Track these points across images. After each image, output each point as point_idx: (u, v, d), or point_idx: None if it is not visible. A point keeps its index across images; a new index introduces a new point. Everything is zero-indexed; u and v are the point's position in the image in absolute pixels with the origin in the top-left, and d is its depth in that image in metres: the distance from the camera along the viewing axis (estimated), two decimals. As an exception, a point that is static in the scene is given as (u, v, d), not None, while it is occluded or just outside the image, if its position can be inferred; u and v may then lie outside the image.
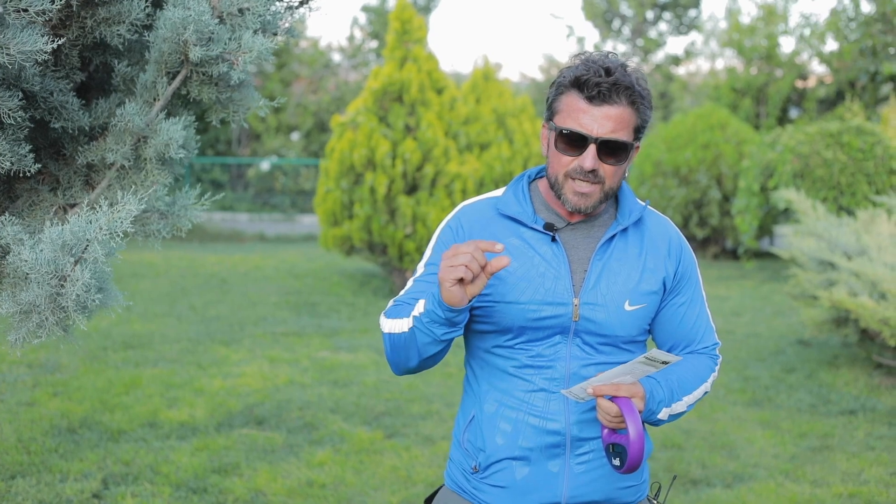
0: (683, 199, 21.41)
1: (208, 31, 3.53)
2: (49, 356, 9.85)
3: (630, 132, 2.93)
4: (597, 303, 2.96)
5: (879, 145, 17.28)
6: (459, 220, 3.08)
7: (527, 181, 3.14)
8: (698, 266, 3.22)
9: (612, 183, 2.95)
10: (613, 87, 2.88)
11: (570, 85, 2.93)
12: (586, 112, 2.89)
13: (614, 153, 2.91)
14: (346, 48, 40.02)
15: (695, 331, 3.16)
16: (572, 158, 2.91)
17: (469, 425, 3.09)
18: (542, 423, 2.97)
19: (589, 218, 3.05)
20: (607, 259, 3.00)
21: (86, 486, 6.30)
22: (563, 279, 2.95)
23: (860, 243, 9.99)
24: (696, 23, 37.46)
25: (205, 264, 18.97)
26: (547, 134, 3.03)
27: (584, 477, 3.00)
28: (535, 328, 2.96)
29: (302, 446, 7.34)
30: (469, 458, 3.08)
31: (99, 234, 3.27)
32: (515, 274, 2.95)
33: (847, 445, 7.71)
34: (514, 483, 3.00)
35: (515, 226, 3.02)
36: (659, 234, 3.12)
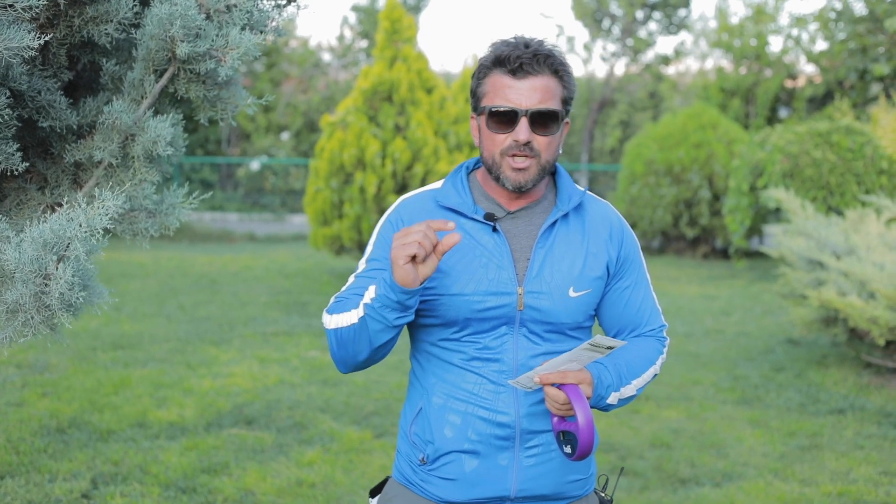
0: (674, 198, 21.46)
1: (195, 28, 3.53)
2: (38, 356, 9.84)
3: (558, 102, 2.93)
4: (541, 291, 2.95)
5: (869, 145, 17.32)
6: (400, 215, 3.07)
7: (465, 172, 3.14)
8: (640, 249, 3.21)
9: (547, 156, 2.95)
10: (534, 57, 2.89)
11: (493, 65, 2.95)
12: (512, 87, 2.90)
13: (546, 124, 2.91)
14: (335, 48, 40.02)
15: (641, 314, 3.17)
16: (505, 136, 2.91)
17: (416, 417, 3.08)
18: (491, 416, 2.96)
19: (529, 206, 3.05)
20: (550, 246, 3.00)
21: (75, 486, 6.29)
22: (506, 269, 2.95)
23: (849, 243, 10.01)
24: (685, 22, 37.46)
25: (194, 264, 18.95)
26: (476, 123, 3.04)
27: (532, 470, 2.99)
28: (481, 319, 2.95)
29: (291, 446, 7.34)
30: (416, 451, 3.06)
31: (79, 231, 3.26)
32: (458, 266, 2.95)
33: (836, 444, 7.72)
34: (462, 475, 2.99)
35: (456, 217, 3.01)
36: (600, 218, 3.12)
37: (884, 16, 22.50)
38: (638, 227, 22.54)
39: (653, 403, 8.83)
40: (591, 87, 39.09)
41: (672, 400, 8.98)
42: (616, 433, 7.88)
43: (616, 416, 8.37)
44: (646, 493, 6.62)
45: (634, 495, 6.55)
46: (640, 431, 7.96)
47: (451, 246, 2.67)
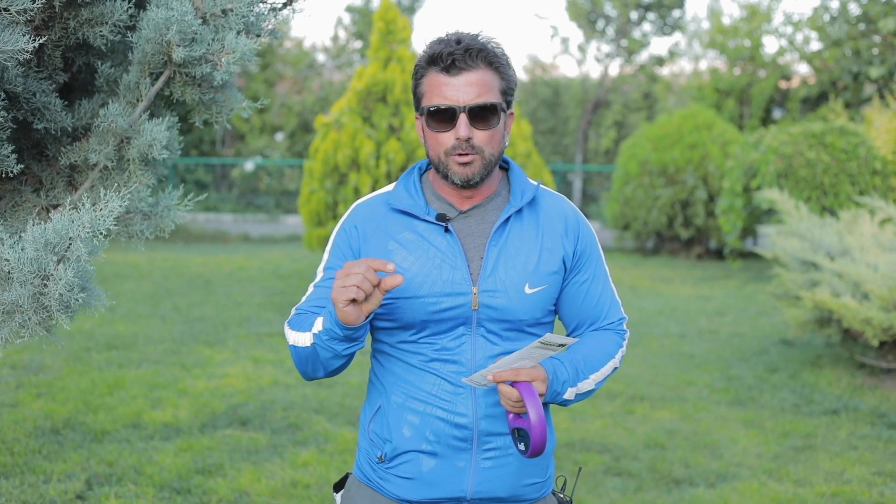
0: (669, 198, 21.48)
1: (191, 32, 3.53)
2: (32, 357, 9.83)
3: (497, 94, 2.94)
4: (496, 289, 2.95)
5: (862, 146, 17.35)
6: (353, 222, 3.08)
7: (417, 174, 3.14)
8: (598, 242, 3.21)
9: (491, 150, 2.95)
10: (466, 52, 2.90)
11: (427, 64, 2.95)
12: (447, 84, 2.91)
13: (485, 118, 2.92)
14: (330, 48, 40.01)
15: (599, 307, 3.16)
16: (447, 134, 2.91)
17: (375, 416, 3.08)
18: (449, 417, 2.96)
19: (482, 204, 3.05)
20: (503, 244, 2.99)
21: (69, 486, 6.29)
22: (459, 269, 2.95)
23: (843, 244, 10.03)
24: (679, 23, 37.48)
25: (189, 265, 18.94)
26: (420, 123, 3.04)
27: (489, 472, 3.00)
28: (438, 321, 2.95)
29: (286, 447, 7.34)
30: (375, 448, 3.07)
31: (82, 231, 3.26)
32: (412, 269, 2.95)
33: (830, 445, 7.74)
34: (420, 475, 2.99)
35: (408, 219, 3.02)
36: (555, 213, 3.11)
37: (877, 17, 22.53)
38: (632, 228, 22.56)
39: (647, 404, 8.84)
40: (586, 88, 39.10)
41: (666, 401, 8.99)
42: (610, 434, 7.89)
43: (610, 416, 8.39)
44: (640, 493, 6.63)
45: (629, 496, 6.56)
46: (634, 432, 7.97)
47: (393, 287, 2.67)
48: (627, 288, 17.29)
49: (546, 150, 40.35)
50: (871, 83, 24.03)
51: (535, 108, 41.29)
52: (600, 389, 9.26)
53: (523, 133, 17.91)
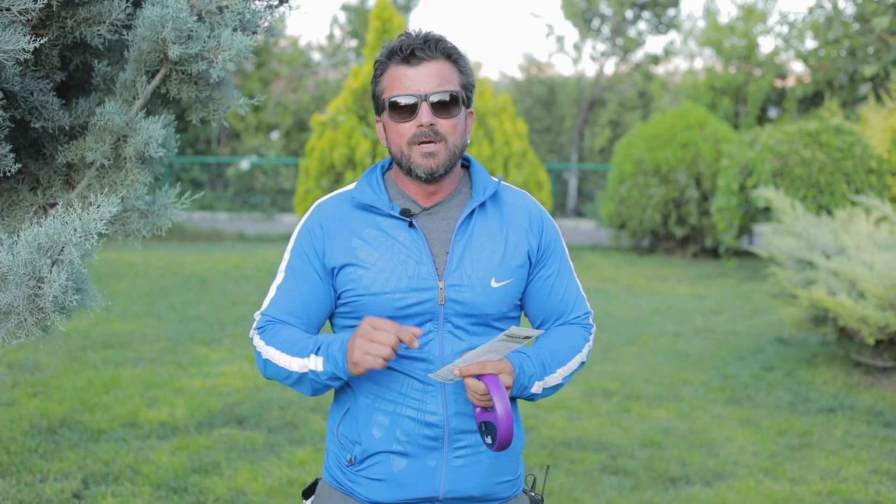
0: (663, 197, 21.50)
1: (187, 30, 3.53)
2: (28, 356, 9.82)
3: (457, 85, 2.97)
4: (462, 283, 2.95)
5: (858, 145, 17.36)
6: (317, 221, 3.07)
7: (380, 171, 3.14)
8: (562, 237, 3.21)
9: (454, 139, 2.96)
10: (425, 43, 2.93)
11: (387, 59, 2.98)
12: (408, 75, 2.93)
13: (447, 107, 2.94)
14: (325, 47, 40.01)
15: (565, 302, 3.16)
16: (409, 124, 2.92)
17: (344, 418, 3.07)
18: (419, 416, 2.96)
19: (444, 200, 3.05)
20: (468, 238, 3.00)
21: (66, 485, 6.28)
22: (425, 264, 2.95)
23: (839, 242, 10.03)
24: (675, 22, 37.50)
25: (184, 264, 18.93)
26: (381, 125, 3.07)
27: (461, 471, 2.99)
28: (404, 317, 2.94)
29: (283, 445, 7.34)
30: (344, 451, 3.06)
31: (73, 236, 3.26)
32: (377, 265, 2.95)
33: (826, 443, 7.74)
34: (391, 476, 2.98)
35: (371, 215, 3.02)
36: (518, 208, 3.11)
37: (871, 16, 22.55)
38: (628, 227, 22.57)
39: (643, 403, 8.85)
40: (581, 87, 39.12)
41: (662, 399, 8.99)
42: (606, 433, 7.90)
43: (607, 415, 8.39)
44: (636, 492, 6.63)
45: (625, 494, 6.57)
46: (630, 431, 7.97)
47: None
48: (623, 287, 17.30)
49: (541, 149, 40.36)
50: (867, 82, 24.04)
51: (530, 107, 41.30)
52: (594, 387, 9.26)
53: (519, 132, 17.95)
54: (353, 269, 2.96)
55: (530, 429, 7.90)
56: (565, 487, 6.64)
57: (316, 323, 3.07)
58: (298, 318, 3.02)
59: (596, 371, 10.07)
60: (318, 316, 3.05)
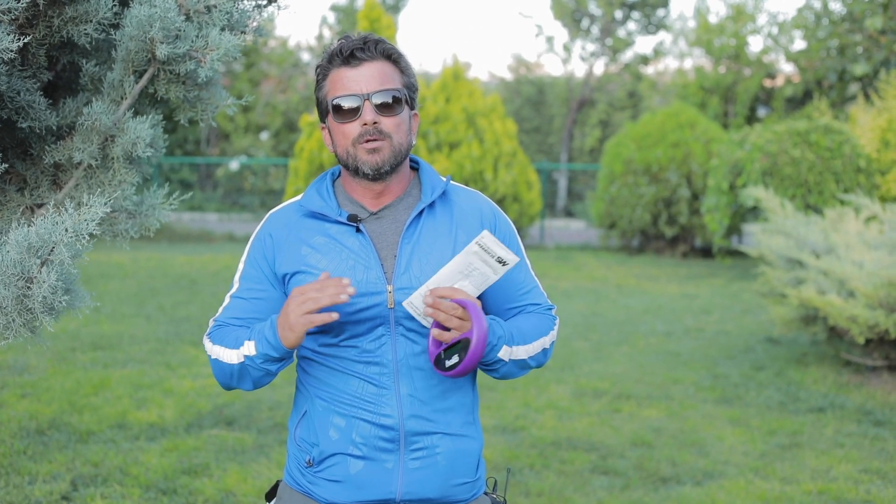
0: (653, 197, 21.53)
1: (175, 29, 3.52)
2: (17, 357, 9.80)
3: (398, 85, 2.98)
4: (411, 286, 2.94)
5: (847, 144, 17.40)
6: (267, 230, 3.09)
7: (330, 179, 3.15)
8: (518, 236, 3.21)
9: (399, 137, 2.96)
10: (365, 43, 2.95)
11: (328, 62, 3.00)
12: (350, 77, 2.94)
13: (390, 106, 2.95)
14: (314, 47, 40.01)
15: (520, 290, 3.15)
16: (353, 123, 2.94)
17: (301, 420, 3.09)
18: (375, 419, 2.96)
19: (392, 203, 3.05)
20: (416, 240, 2.99)
21: (55, 487, 6.26)
22: (373, 268, 2.95)
23: (828, 241, 10.05)
24: (664, 22, 37.57)
25: (174, 264, 18.91)
26: (326, 130, 3.08)
27: (418, 473, 2.99)
28: (355, 322, 2.95)
29: (272, 447, 7.33)
30: (303, 453, 3.07)
31: (64, 236, 3.24)
32: (326, 271, 2.94)
33: (816, 443, 7.75)
34: (348, 477, 2.99)
35: (320, 223, 3.03)
36: (469, 208, 3.11)
37: (861, 16, 22.60)
38: (618, 227, 22.61)
39: (633, 402, 8.85)
40: (571, 87, 39.17)
41: (652, 399, 8.99)
42: (597, 432, 7.89)
43: (597, 415, 8.39)
44: (627, 492, 6.63)
45: (616, 494, 6.56)
46: (620, 431, 7.97)
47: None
48: (613, 286, 17.31)
49: (531, 149, 40.42)
50: (856, 81, 24.09)
51: (519, 107, 41.35)
52: (585, 387, 9.26)
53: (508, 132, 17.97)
54: (302, 276, 2.97)
55: (520, 429, 7.90)
56: (556, 487, 6.64)
57: None
58: (249, 325, 3.03)
59: (586, 371, 10.07)
60: None
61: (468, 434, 3.09)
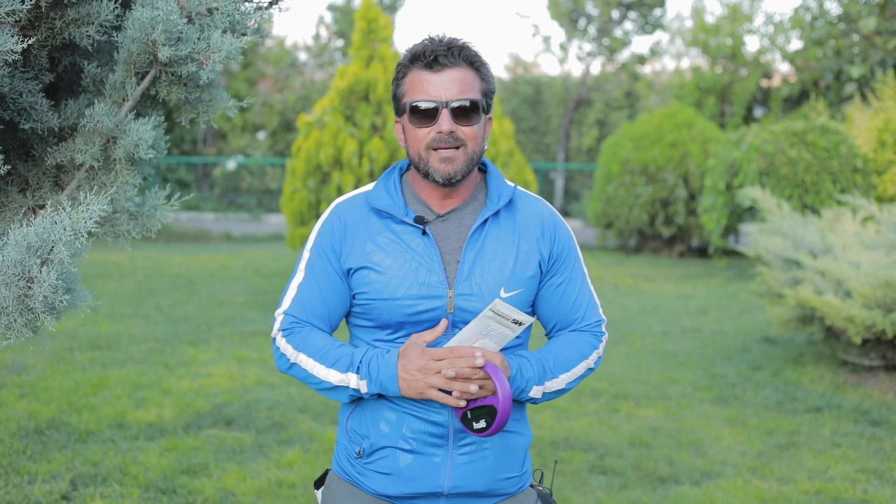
0: (650, 197, 21.53)
1: (177, 31, 3.53)
2: (15, 357, 9.80)
3: (477, 93, 2.98)
4: (471, 293, 2.97)
5: (844, 144, 17.40)
6: (336, 219, 3.10)
7: (398, 174, 3.16)
8: (577, 243, 3.23)
9: (473, 147, 2.98)
10: (449, 49, 2.95)
11: (410, 63, 3.00)
12: (430, 81, 2.95)
13: (467, 114, 2.95)
14: (312, 47, 39.98)
15: (576, 309, 3.17)
16: (428, 129, 2.94)
17: (353, 412, 3.12)
18: (425, 415, 2.99)
19: (459, 207, 3.07)
20: (480, 247, 3.01)
21: (54, 487, 6.27)
22: (436, 272, 2.97)
23: (825, 242, 10.06)
24: (661, 22, 37.55)
25: (171, 264, 18.90)
26: (400, 126, 3.09)
27: (466, 468, 3.03)
28: (413, 322, 2.98)
29: (271, 446, 7.34)
30: (353, 444, 3.11)
31: (63, 235, 3.25)
32: (389, 270, 2.98)
33: (813, 442, 7.76)
34: (397, 470, 3.03)
35: (386, 220, 3.04)
36: (531, 215, 3.12)
37: (857, 16, 22.61)
38: (615, 227, 22.60)
39: (631, 402, 8.86)
40: (568, 87, 39.14)
41: (650, 399, 9.00)
42: (595, 432, 7.90)
43: (595, 415, 8.40)
44: (625, 491, 6.64)
45: (614, 494, 6.57)
46: (618, 430, 7.98)
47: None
48: (610, 286, 17.31)
49: (528, 149, 40.37)
50: (853, 81, 24.10)
51: (516, 107, 41.30)
52: (583, 387, 9.27)
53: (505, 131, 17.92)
54: (366, 272, 3.00)
55: (518, 429, 7.91)
56: (554, 487, 6.64)
57: (336, 322, 3.12)
58: (320, 318, 3.07)
59: (583, 371, 10.07)
60: (338, 315, 3.10)
61: (517, 430, 3.13)
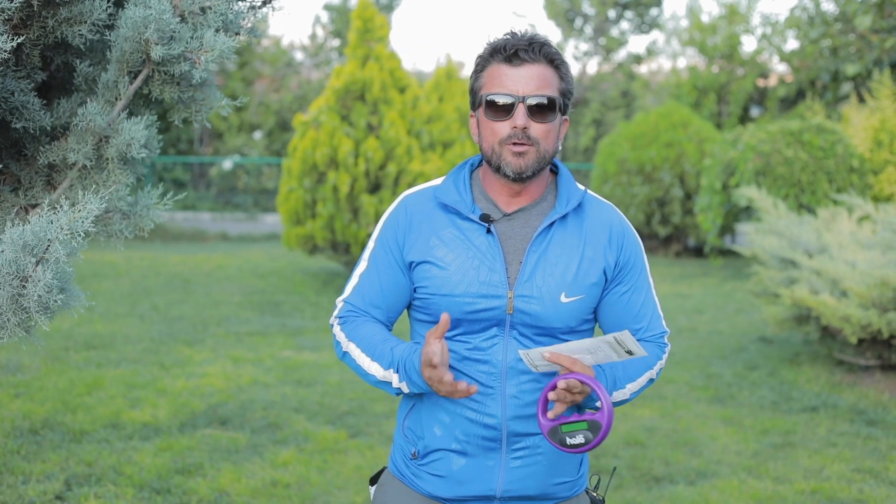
0: (646, 196, 21.53)
1: (170, 30, 3.52)
2: (10, 357, 9.78)
3: (555, 91, 2.96)
4: (531, 295, 2.95)
5: (840, 144, 17.40)
6: (403, 211, 3.09)
7: (468, 169, 3.14)
8: (644, 252, 3.20)
9: (546, 145, 2.96)
10: (530, 45, 2.93)
11: (490, 56, 2.99)
12: (508, 75, 2.93)
13: (543, 111, 2.93)
14: (308, 47, 39.94)
15: (639, 319, 3.14)
16: (504, 123, 2.93)
17: (410, 412, 3.12)
18: (478, 418, 2.98)
19: (527, 207, 3.05)
20: (544, 250, 2.99)
21: (48, 487, 6.26)
22: (497, 272, 2.95)
23: (821, 241, 10.06)
24: (657, 21, 37.58)
25: (167, 264, 18.88)
26: (475, 119, 3.07)
27: (519, 472, 3.01)
28: (471, 321, 2.97)
29: (266, 446, 7.33)
30: (409, 444, 3.11)
31: (60, 234, 3.24)
32: (451, 266, 2.97)
33: (809, 442, 7.76)
34: (451, 473, 3.03)
35: (453, 216, 3.03)
36: (600, 221, 3.09)
37: (853, 15, 22.60)
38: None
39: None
40: (564, 86, 39.06)
41: (645, 398, 9.00)
42: (590, 432, 7.88)
43: (590, 414, 8.39)
44: (620, 491, 6.64)
45: (609, 494, 6.56)
46: (614, 430, 7.97)
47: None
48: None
49: (524, 148, 40.31)
50: (849, 81, 24.10)
51: (513, 106, 41.23)
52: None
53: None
54: (428, 266, 3.00)
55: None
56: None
57: (395, 313, 3.12)
58: (379, 308, 3.08)
59: (579, 370, 10.06)
60: (397, 307, 3.11)
61: None
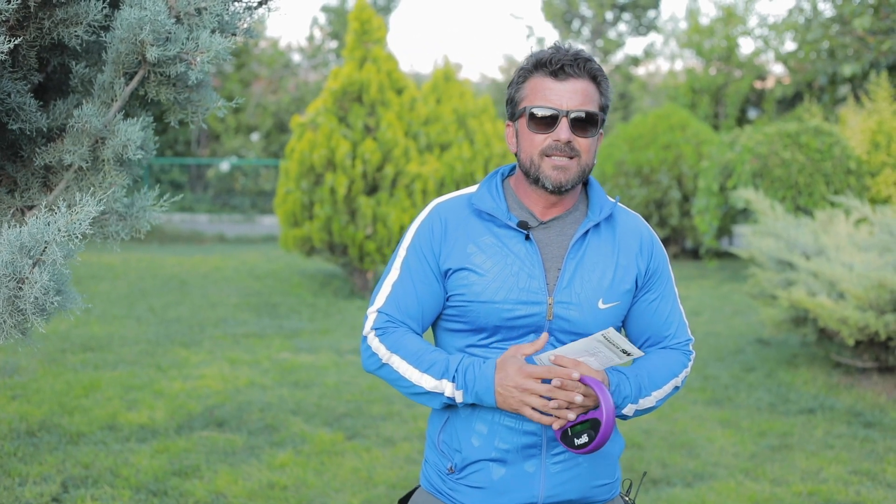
0: (644, 198, 21.52)
1: (165, 31, 3.51)
2: (7, 359, 9.77)
3: (596, 106, 2.97)
4: (571, 301, 2.96)
5: (837, 146, 17.40)
6: (437, 218, 3.07)
7: (500, 178, 3.14)
8: (669, 262, 3.22)
9: (587, 158, 2.98)
10: (575, 60, 2.94)
11: (533, 68, 2.99)
12: (552, 89, 2.94)
13: (586, 126, 2.95)
14: (305, 48, 39.95)
15: (666, 326, 3.17)
16: (545, 136, 2.93)
17: (444, 426, 3.09)
18: (517, 425, 2.97)
19: (561, 216, 3.06)
20: (581, 257, 3.01)
21: (45, 489, 6.25)
22: (536, 278, 2.95)
23: (818, 243, 10.05)
24: (655, 24, 37.60)
25: (164, 266, 18.87)
26: (512, 129, 3.06)
27: (560, 476, 3.00)
28: (510, 327, 2.96)
29: (263, 448, 7.32)
30: (445, 459, 3.08)
31: (57, 235, 3.24)
32: (490, 273, 2.96)
33: (806, 444, 7.75)
34: (490, 483, 3.00)
35: (489, 223, 3.03)
36: (630, 231, 3.12)
37: (851, 17, 22.61)
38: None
39: (624, 404, 8.84)
40: (562, 88, 39.08)
41: (643, 400, 8.98)
42: (587, 434, 7.88)
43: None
44: (617, 493, 6.63)
45: (606, 496, 6.55)
46: (611, 432, 7.96)
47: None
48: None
49: (522, 150, 40.33)
50: (846, 82, 24.10)
51: (511, 108, 41.27)
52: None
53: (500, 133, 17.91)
54: (466, 273, 2.98)
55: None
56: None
57: (428, 323, 3.10)
58: (413, 318, 3.05)
59: (576, 372, 10.06)
60: (430, 316, 3.08)
61: (610, 438, 3.10)
